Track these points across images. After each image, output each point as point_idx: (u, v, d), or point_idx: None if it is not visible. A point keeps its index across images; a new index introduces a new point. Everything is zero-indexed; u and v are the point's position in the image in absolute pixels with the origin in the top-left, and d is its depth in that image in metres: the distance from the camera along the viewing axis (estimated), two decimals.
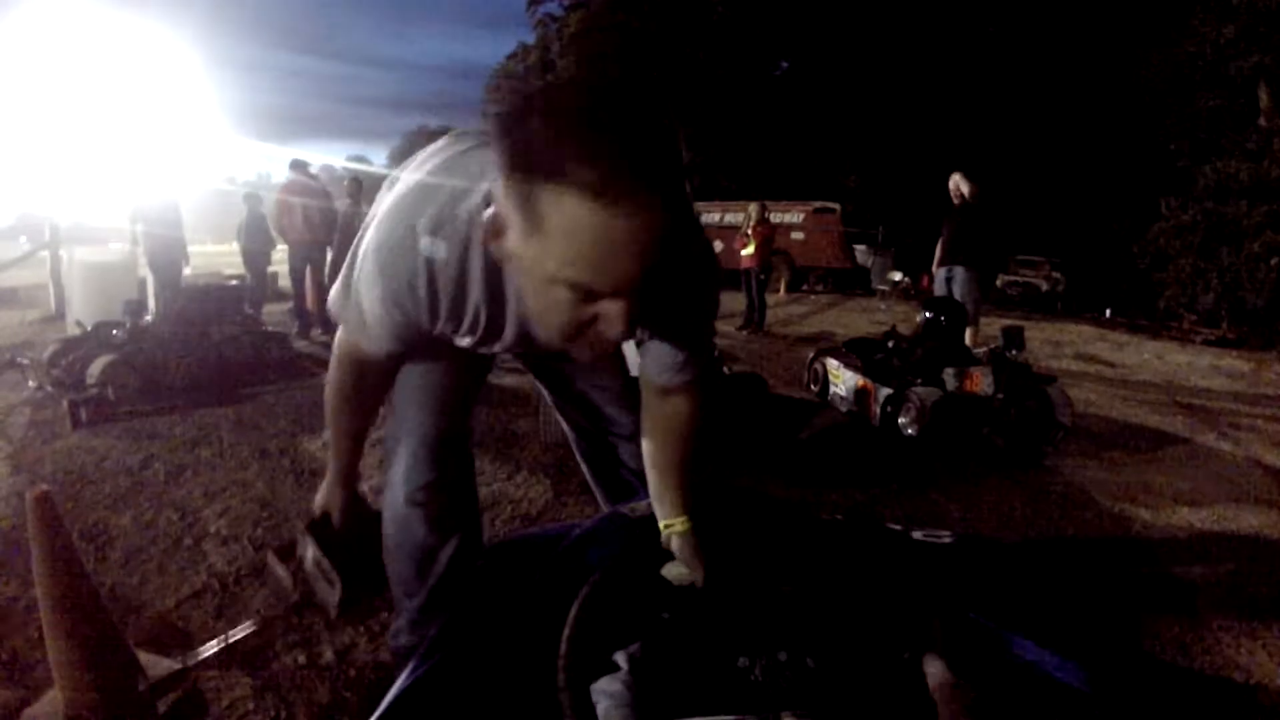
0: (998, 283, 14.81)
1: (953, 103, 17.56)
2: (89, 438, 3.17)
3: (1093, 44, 16.17)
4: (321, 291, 6.35)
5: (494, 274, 0.86)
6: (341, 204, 6.55)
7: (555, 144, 0.60)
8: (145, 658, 1.47)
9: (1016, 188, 14.02)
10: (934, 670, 0.72)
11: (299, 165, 6.52)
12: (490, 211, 0.70)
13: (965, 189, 5.35)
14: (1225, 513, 2.86)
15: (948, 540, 1.10)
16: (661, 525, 1.04)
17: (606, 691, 0.72)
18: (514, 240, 0.68)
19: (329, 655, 1.57)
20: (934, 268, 5.63)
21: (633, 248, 0.62)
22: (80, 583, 1.30)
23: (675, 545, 1.01)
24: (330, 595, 1.25)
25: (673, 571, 0.99)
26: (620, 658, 0.76)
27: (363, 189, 6.58)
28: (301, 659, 1.46)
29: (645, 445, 1.08)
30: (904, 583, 0.93)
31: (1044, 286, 15.18)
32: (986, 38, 17.43)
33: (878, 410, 3.60)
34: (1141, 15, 14.73)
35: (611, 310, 0.68)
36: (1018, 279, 15.38)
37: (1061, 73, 16.57)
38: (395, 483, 1.23)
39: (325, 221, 6.36)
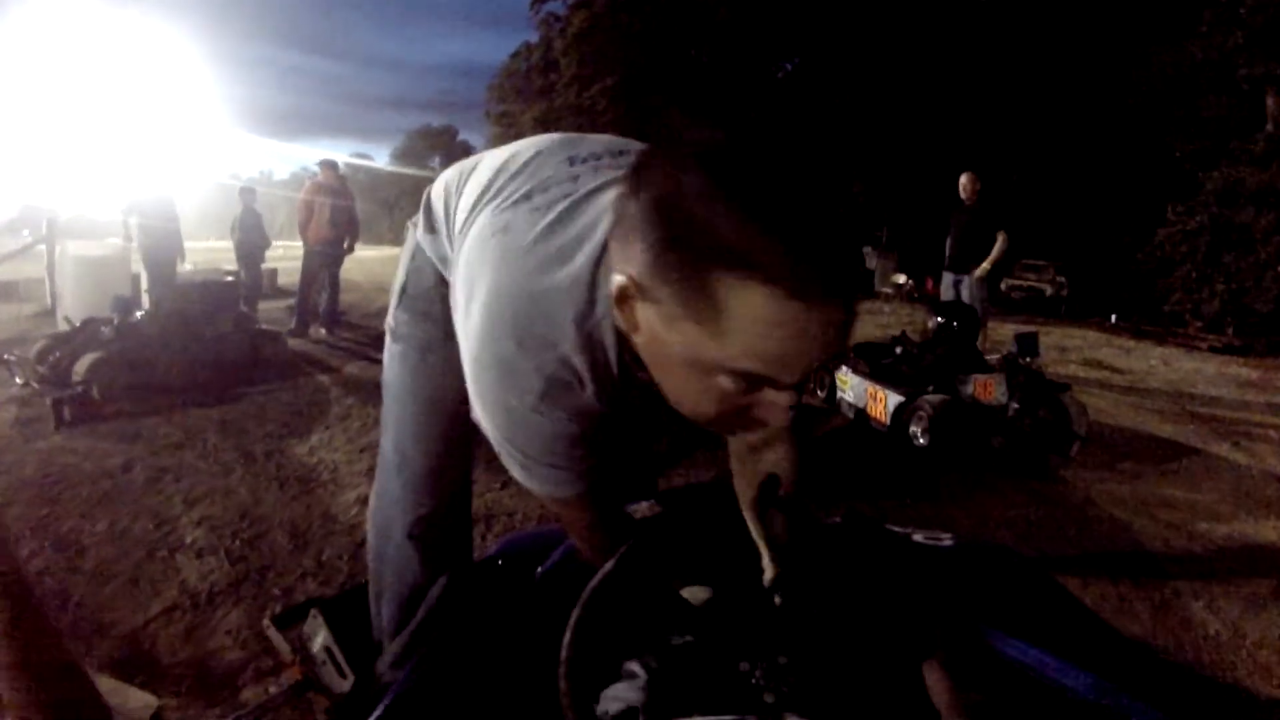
0: (1002, 286, 14.72)
1: (958, 106, 17.49)
2: (72, 438, 3.08)
3: (1099, 48, 16.08)
4: (337, 290, 6.50)
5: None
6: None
7: (737, 232, 0.51)
8: (107, 684, 1.38)
9: (1022, 191, 13.94)
10: (936, 674, 0.70)
11: (329, 165, 6.50)
12: (618, 281, 0.59)
13: (968, 187, 5.29)
14: (1245, 528, 2.77)
15: (949, 544, 1.07)
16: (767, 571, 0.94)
17: (622, 699, 0.69)
18: (658, 320, 0.58)
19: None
20: (945, 270, 5.54)
21: (823, 341, 0.54)
22: (31, 608, 1.20)
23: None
24: (339, 685, 1.19)
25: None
26: (635, 666, 0.72)
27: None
28: (273, 688, 1.36)
29: (742, 500, 0.97)
30: (906, 585, 0.90)
31: (1048, 290, 15.06)
32: (992, 41, 17.35)
33: (887, 418, 3.50)
34: (1149, 20, 14.64)
35: (778, 399, 0.59)
36: (1022, 283, 15.26)
37: (1068, 77, 16.48)
38: (392, 512, 1.15)
39: (347, 220, 6.40)
